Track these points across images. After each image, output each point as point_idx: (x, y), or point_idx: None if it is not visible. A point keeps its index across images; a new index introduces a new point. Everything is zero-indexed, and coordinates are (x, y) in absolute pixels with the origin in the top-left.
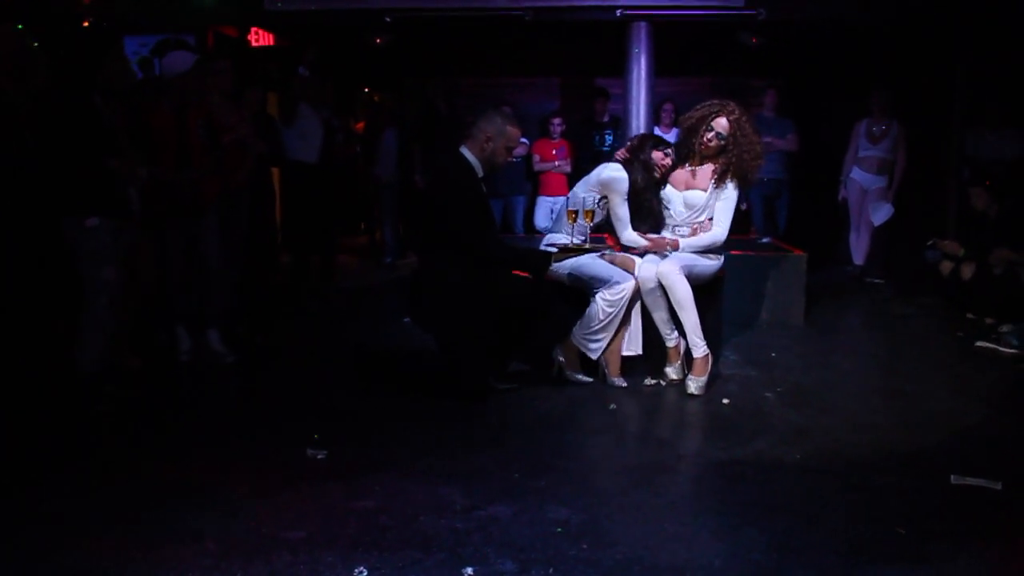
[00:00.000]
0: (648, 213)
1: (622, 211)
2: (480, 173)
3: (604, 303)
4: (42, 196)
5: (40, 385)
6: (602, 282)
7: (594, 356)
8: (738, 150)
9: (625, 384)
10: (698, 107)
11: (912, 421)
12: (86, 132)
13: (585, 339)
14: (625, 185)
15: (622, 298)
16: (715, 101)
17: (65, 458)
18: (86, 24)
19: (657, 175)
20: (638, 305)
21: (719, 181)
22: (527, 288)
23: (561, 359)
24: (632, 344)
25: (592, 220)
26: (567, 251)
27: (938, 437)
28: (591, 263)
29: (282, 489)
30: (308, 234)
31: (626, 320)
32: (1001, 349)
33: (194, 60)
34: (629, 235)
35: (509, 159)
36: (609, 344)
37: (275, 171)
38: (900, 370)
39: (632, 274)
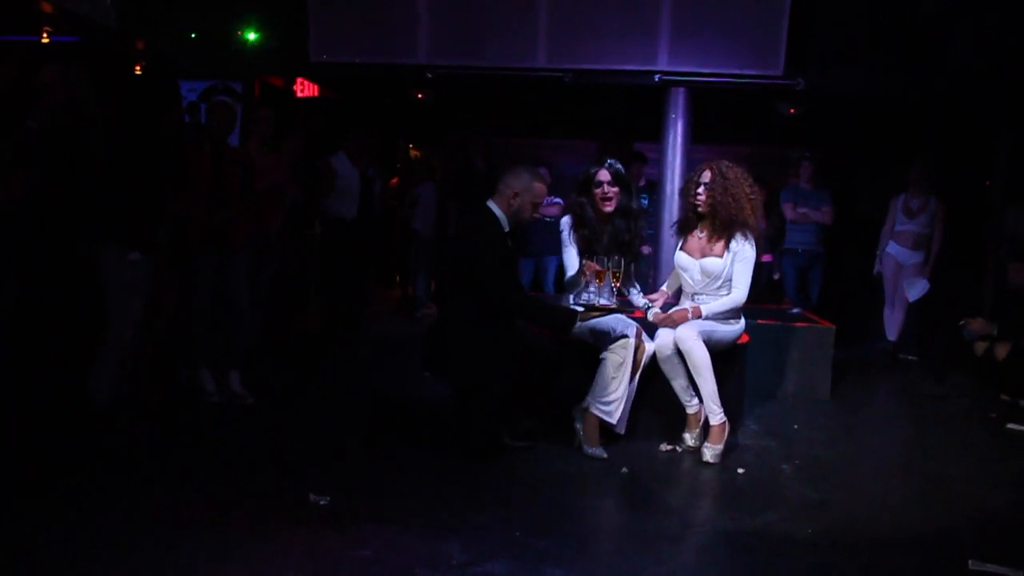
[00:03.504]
0: (612, 242)
1: (565, 256)
2: (506, 228)
3: (611, 358)
4: (83, 227)
5: (52, 412)
6: (604, 335)
7: (611, 420)
8: (723, 196)
9: (604, 456)
10: (691, 173)
11: (933, 502)
12: (138, 169)
13: (599, 403)
14: (566, 229)
15: (628, 351)
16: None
17: (69, 487)
18: (138, 69)
19: (599, 193)
20: (636, 378)
21: (722, 237)
22: (546, 345)
23: (580, 431)
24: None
25: (619, 281)
26: (593, 310)
27: (959, 520)
28: (602, 320)
29: (280, 532)
30: (340, 284)
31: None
32: None
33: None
34: (651, 315)
35: (537, 216)
36: (624, 405)
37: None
38: (925, 449)
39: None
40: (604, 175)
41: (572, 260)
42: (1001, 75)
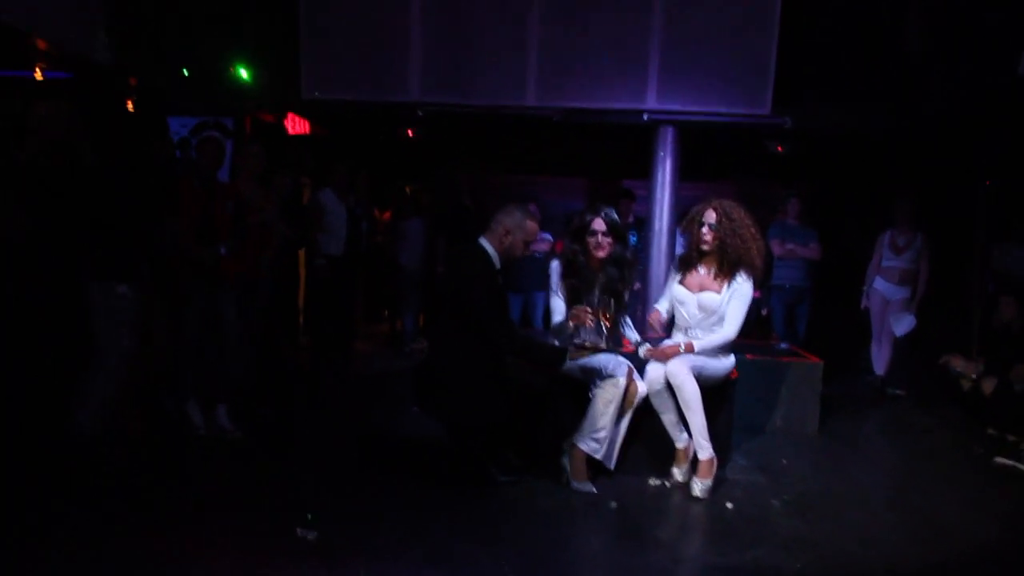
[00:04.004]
0: (603, 291)
1: (552, 302)
2: (497, 265)
3: (601, 395)
4: (72, 260)
5: (36, 443)
6: (595, 372)
7: (598, 456)
8: (732, 238)
9: (594, 491)
10: (692, 210)
11: (922, 536)
12: (129, 204)
13: (588, 439)
14: (555, 275)
15: (617, 389)
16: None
17: (50, 520)
18: (130, 104)
19: (592, 242)
20: (628, 417)
21: (726, 276)
22: (535, 380)
23: (567, 467)
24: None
25: (611, 322)
26: (583, 349)
27: (948, 554)
28: (593, 359)
29: (265, 567)
30: (329, 319)
31: (618, 422)
32: (1021, 466)
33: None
34: (642, 351)
35: (526, 252)
36: (611, 441)
37: (301, 254)
38: (914, 483)
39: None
40: (599, 224)
41: (559, 306)
42: (979, 113)
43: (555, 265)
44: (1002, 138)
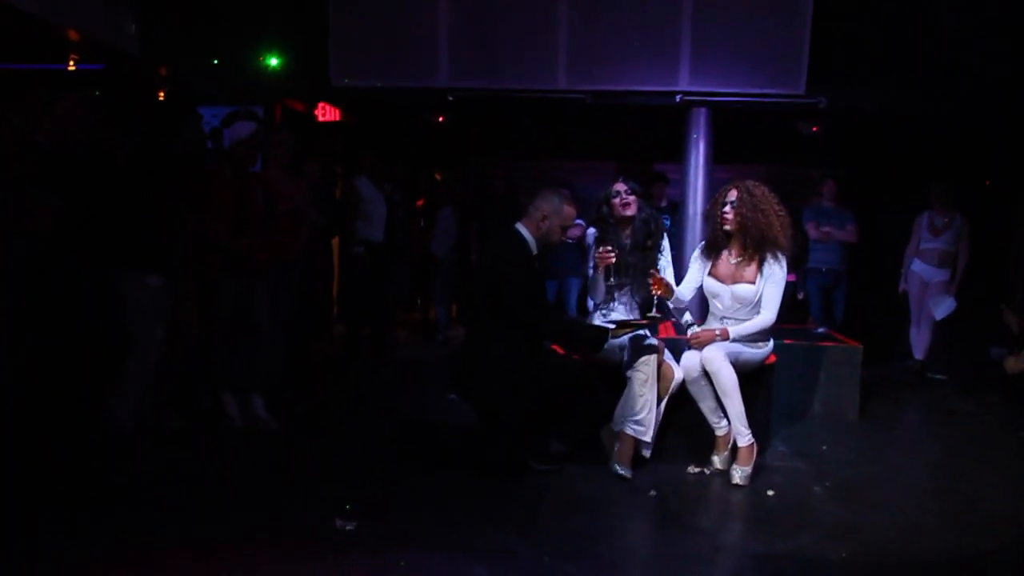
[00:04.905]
0: (633, 245)
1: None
2: (534, 251)
3: (636, 376)
4: (101, 250)
5: (75, 439)
6: (628, 352)
7: (644, 438)
8: (752, 213)
9: (629, 475)
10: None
11: (967, 523)
12: (161, 194)
13: (631, 422)
14: (590, 239)
15: (651, 368)
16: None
17: (92, 513)
18: (161, 95)
19: (617, 202)
20: (664, 403)
21: (753, 259)
22: (574, 366)
23: (612, 449)
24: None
25: (661, 288)
26: (625, 325)
27: (994, 542)
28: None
29: (306, 559)
30: (364, 307)
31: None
32: None
33: (252, 129)
34: (691, 331)
35: (563, 238)
36: (656, 424)
37: (335, 243)
38: (957, 469)
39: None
40: (620, 185)
41: (597, 276)
42: (1018, 91)
43: (591, 232)
44: None
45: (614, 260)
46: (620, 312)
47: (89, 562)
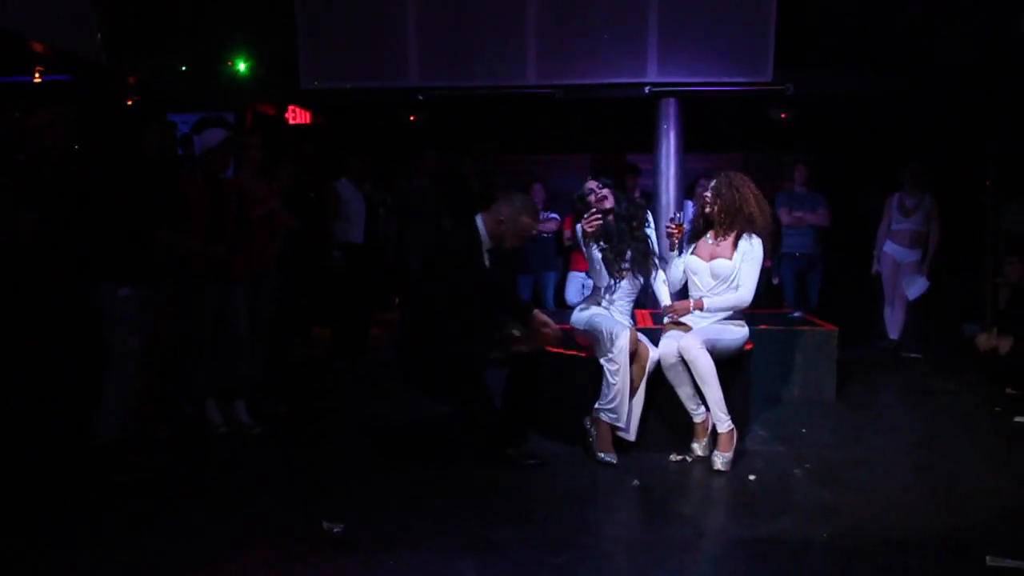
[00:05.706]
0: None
1: (590, 253)
2: (486, 244)
3: (608, 366)
4: (77, 262)
5: (59, 450)
6: (598, 339)
7: (620, 424)
8: (728, 190)
9: (614, 460)
10: None
11: (946, 499)
12: (130, 203)
13: (605, 409)
14: (579, 234)
15: (621, 352)
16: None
17: (78, 522)
18: (129, 102)
19: (593, 199)
20: (643, 386)
21: (727, 233)
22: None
23: (592, 434)
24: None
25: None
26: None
27: (973, 517)
28: (596, 319)
29: (295, 562)
30: (343, 308)
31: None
32: None
33: (223, 136)
34: (666, 319)
35: (517, 245)
36: (629, 411)
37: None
38: (935, 447)
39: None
40: (591, 183)
41: (595, 255)
42: (985, 74)
43: (579, 227)
44: (1008, 97)
45: (601, 222)
46: (622, 294)
47: (76, 571)
